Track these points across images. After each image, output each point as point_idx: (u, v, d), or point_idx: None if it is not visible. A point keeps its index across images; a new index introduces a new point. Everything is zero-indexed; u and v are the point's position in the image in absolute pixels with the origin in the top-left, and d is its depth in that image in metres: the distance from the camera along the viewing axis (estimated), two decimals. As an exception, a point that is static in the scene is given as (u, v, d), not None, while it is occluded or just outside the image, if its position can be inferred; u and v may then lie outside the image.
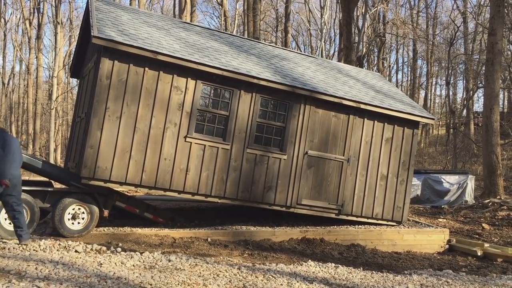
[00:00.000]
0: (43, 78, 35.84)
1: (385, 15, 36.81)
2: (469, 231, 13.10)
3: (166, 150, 9.24)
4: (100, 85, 8.75)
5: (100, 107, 8.75)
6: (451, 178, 17.65)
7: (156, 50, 8.94)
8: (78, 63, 12.66)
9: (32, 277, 5.80)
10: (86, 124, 9.01)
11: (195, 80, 9.45)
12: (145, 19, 10.98)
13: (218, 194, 9.67)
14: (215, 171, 9.62)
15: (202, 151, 9.52)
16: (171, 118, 9.29)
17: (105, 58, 8.77)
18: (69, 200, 8.60)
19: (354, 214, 10.94)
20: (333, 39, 42.19)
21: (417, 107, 12.15)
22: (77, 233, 8.60)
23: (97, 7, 10.25)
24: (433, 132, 46.82)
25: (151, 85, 9.12)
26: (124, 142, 8.90)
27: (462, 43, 39.34)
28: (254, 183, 9.97)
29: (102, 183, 8.84)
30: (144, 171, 9.06)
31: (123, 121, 8.90)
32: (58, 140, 31.33)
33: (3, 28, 38.75)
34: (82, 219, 8.70)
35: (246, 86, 9.85)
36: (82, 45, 11.96)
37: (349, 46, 21.84)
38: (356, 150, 10.97)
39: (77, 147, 9.96)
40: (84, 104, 10.25)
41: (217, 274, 6.84)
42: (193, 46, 10.15)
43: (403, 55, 50.76)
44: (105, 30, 8.91)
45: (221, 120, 9.74)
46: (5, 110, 44.88)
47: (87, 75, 10.77)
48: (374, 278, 7.62)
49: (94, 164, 8.68)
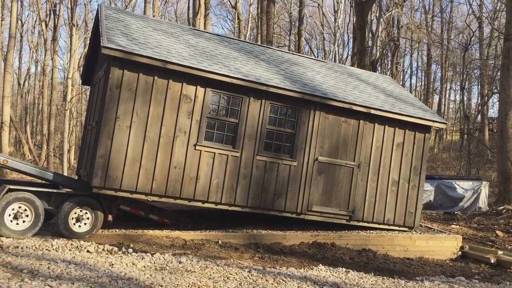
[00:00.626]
0: (58, 79, 36.17)
1: (400, 19, 36.60)
2: (483, 238, 12.94)
3: (176, 158, 9.28)
4: (110, 95, 8.83)
5: (110, 116, 8.81)
6: (465, 184, 17.45)
7: (165, 59, 8.98)
8: (89, 70, 12.71)
9: (45, 276, 5.86)
10: (97, 133, 9.08)
11: (204, 88, 9.48)
12: (155, 26, 11.02)
13: (228, 202, 9.69)
14: (225, 178, 9.64)
15: (212, 159, 9.54)
16: (181, 127, 9.32)
17: (114, 67, 8.84)
18: (73, 203, 8.64)
19: (365, 220, 10.87)
20: (346, 43, 42.08)
21: (429, 111, 12.04)
22: (81, 236, 8.61)
23: (107, 16, 10.31)
24: (446, 138, 46.39)
25: (161, 93, 9.18)
26: (134, 151, 8.96)
27: (477, 48, 38.96)
28: (264, 190, 9.97)
29: (113, 192, 8.92)
30: (155, 179, 9.11)
31: (133, 130, 8.96)
32: (72, 140, 31.62)
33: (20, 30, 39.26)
34: (86, 222, 8.73)
35: (256, 93, 9.86)
36: (92, 53, 12.02)
37: (363, 50, 21.76)
38: (367, 156, 10.90)
39: (89, 155, 10.04)
40: (95, 112, 10.32)
41: (227, 276, 6.84)
42: (202, 53, 10.18)
43: (417, 60, 50.41)
44: (115, 39, 8.97)
45: (231, 128, 9.75)
46: (21, 110, 45.42)
47: (98, 83, 10.84)
48: (386, 284, 7.56)
49: (105, 173, 8.75)
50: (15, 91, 44.47)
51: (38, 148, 35.72)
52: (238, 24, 33.44)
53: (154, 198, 9.28)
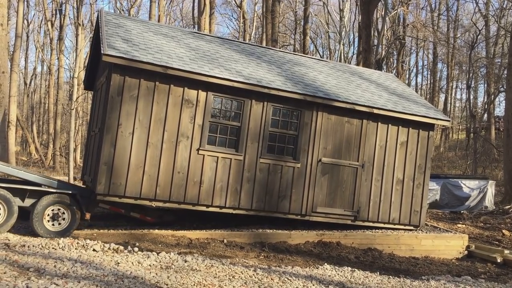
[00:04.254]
0: (64, 78, 36.31)
1: (405, 17, 36.49)
2: (489, 237, 12.88)
3: (179, 163, 9.29)
4: (112, 102, 8.85)
5: (112, 124, 8.84)
6: (471, 183, 17.37)
7: (166, 64, 8.99)
8: (92, 75, 12.69)
9: (51, 274, 5.89)
10: (100, 140, 9.10)
11: (205, 92, 9.49)
12: (155, 30, 11.01)
13: (232, 205, 9.69)
14: (229, 182, 9.64)
15: (215, 163, 9.55)
16: (183, 131, 9.33)
17: (116, 74, 8.86)
18: (49, 200, 8.46)
19: (370, 219, 10.84)
20: (352, 41, 41.96)
21: (432, 108, 11.98)
22: (56, 235, 8.39)
23: (107, 22, 10.30)
24: (452, 137, 46.20)
25: (162, 99, 9.19)
26: (137, 158, 8.98)
27: (484, 46, 38.76)
28: (268, 192, 9.97)
29: (117, 199, 8.94)
30: (158, 185, 9.12)
31: (135, 136, 8.98)
32: (78, 140, 31.74)
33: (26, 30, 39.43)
34: (61, 221, 8.53)
35: (257, 95, 9.85)
36: (94, 58, 11.95)
37: (368, 49, 21.69)
38: (371, 155, 10.87)
39: (93, 161, 10.04)
40: (98, 118, 10.32)
41: (233, 275, 6.85)
42: (203, 57, 10.17)
43: (423, 58, 50.26)
44: (115, 46, 8.98)
45: (233, 131, 9.75)
46: (27, 110, 45.65)
47: (100, 89, 10.84)
48: (391, 283, 7.55)
49: (109, 180, 8.77)
50: (22, 90, 44.69)
51: (44, 147, 35.89)
52: (243, 23, 33.44)
53: (159, 203, 9.28)
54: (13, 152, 23.65)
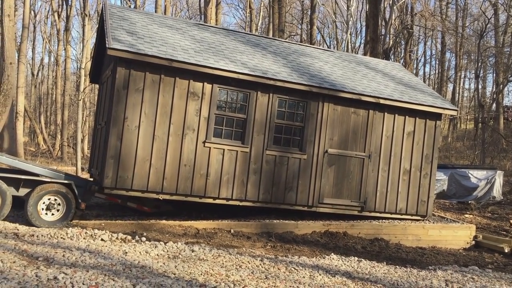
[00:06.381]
0: (71, 69, 36.45)
1: (413, 6, 36.08)
2: (496, 228, 12.84)
3: (186, 156, 9.30)
4: (118, 96, 8.85)
5: (118, 117, 8.85)
6: (479, 173, 17.28)
7: (171, 57, 8.96)
8: (97, 68, 12.68)
9: (60, 263, 5.95)
10: (106, 133, 9.12)
11: (211, 84, 9.46)
12: (160, 23, 10.96)
13: (239, 198, 9.72)
14: (235, 174, 9.64)
15: (221, 155, 9.55)
16: (189, 124, 9.33)
17: (121, 68, 8.85)
18: (44, 190, 8.40)
19: (377, 210, 10.84)
20: (359, 31, 41.65)
21: (439, 98, 11.89)
22: (51, 225, 8.35)
23: (111, 14, 10.26)
24: (460, 127, 45.89)
25: (168, 91, 9.18)
26: (144, 151, 9.00)
27: (493, 35, 38.31)
28: (275, 184, 9.97)
29: (124, 192, 8.98)
30: (165, 178, 9.14)
31: (142, 130, 8.99)
32: (85, 130, 31.90)
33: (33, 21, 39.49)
34: (56, 211, 8.49)
35: (263, 87, 9.82)
36: (99, 50, 11.94)
37: (376, 39, 21.51)
38: (377, 146, 10.83)
39: (99, 154, 10.07)
40: (104, 111, 10.32)
41: (240, 265, 6.89)
42: (208, 49, 10.13)
43: (431, 48, 49.80)
44: (120, 39, 8.96)
45: (239, 123, 9.73)
46: (35, 100, 45.88)
47: (106, 82, 10.84)
48: (398, 273, 7.56)
49: (116, 174, 8.80)
50: (29, 81, 44.89)
51: (52, 138, 36.09)
52: (249, 13, 33.28)
53: (166, 196, 9.30)
54: (21, 142, 23.83)
